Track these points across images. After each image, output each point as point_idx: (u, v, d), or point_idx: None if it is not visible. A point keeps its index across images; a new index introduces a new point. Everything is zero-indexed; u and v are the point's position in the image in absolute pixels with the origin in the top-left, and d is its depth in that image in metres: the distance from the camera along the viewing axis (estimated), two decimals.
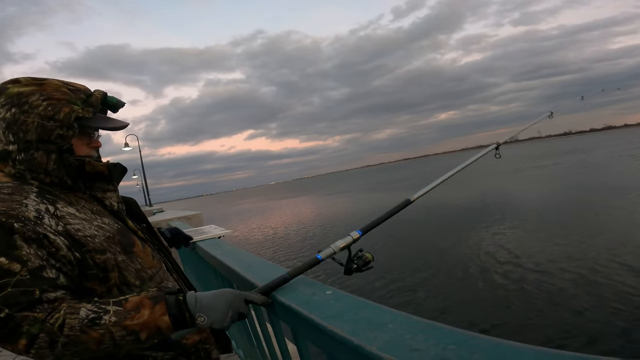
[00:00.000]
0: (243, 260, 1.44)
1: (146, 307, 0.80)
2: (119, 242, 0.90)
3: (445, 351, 0.51)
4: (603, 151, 38.30)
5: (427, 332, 0.58)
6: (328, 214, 22.53)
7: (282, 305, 0.92)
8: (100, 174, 0.95)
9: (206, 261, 1.97)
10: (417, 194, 1.16)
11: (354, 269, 1.04)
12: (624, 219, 9.70)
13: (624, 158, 27.23)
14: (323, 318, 0.73)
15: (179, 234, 1.60)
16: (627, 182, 15.17)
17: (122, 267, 0.88)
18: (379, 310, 0.71)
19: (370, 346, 0.57)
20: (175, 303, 0.83)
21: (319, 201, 35.65)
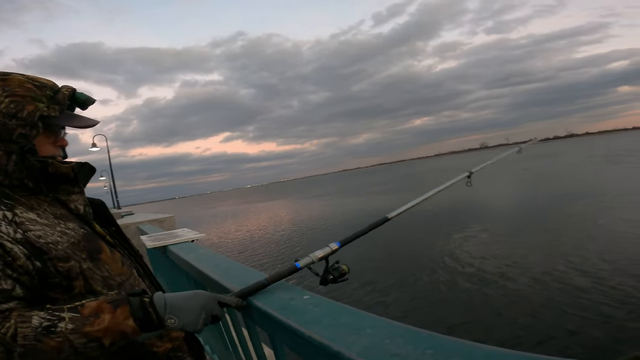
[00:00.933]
0: (218, 264, 1.41)
1: (106, 312, 0.76)
2: (84, 248, 0.85)
3: (423, 355, 0.51)
4: (566, 158, 40.25)
5: (406, 337, 0.58)
6: (305, 219, 22.49)
7: (258, 310, 0.91)
8: (65, 176, 0.90)
9: (178, 266, 1.91)
10: (394, 212, 1.22)
11: (330, 280, 1.05)
12: (582, 223, 10.18)
13: (585, 164, 28.71)
14: (301, 323, 0.72)
15: None
16: (586, 188, 16.02)
17: (88, 275, 0.83)
18: (357, 316, 0.71)
19: (350, 352, 0.56)
20: (140, 305, 0.79)
21: (296, 205, 35.53)
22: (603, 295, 5.57)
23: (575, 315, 5.05)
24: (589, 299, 5.50)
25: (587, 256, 7.40)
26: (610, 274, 6.35)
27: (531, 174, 27.38)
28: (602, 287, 5.83)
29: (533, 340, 4.65)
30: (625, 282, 5.92)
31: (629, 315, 4.87)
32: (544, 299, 5.78)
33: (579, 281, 6.23)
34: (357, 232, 1.14)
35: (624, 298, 5.37)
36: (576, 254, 7.60)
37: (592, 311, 5.12)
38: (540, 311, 5.40)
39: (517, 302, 5.90)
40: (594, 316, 4.97)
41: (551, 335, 4.70)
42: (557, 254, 7.85)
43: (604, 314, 4.98)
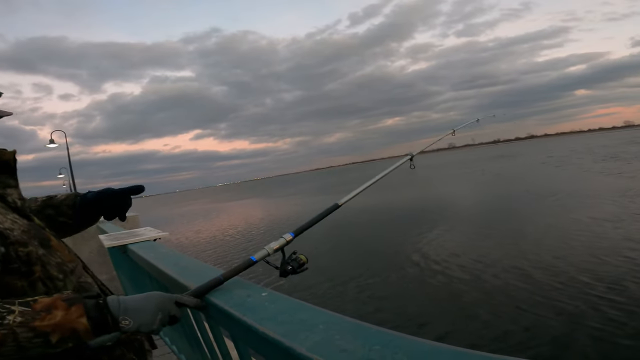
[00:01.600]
0: (178, 263, 1.38)
1: (59, 309, 0.74)
2: (35, 235, 0.85)
3: (370, 352, 0.52)
4: (526, 158, 42.32)
5: (356, 332, 0.59)
6: (272, 217, 22.41)
7: (216, 308, 0.89)
8: (6, 165, 0.90)
9: (139, 265, 1.85)
10: (344, 198, 1.23)
11: (289, 271, 1.04)
12: (541, 221, 10.74)
13: (544, 165, 30.33)
14: (257, 320, 0.72)
15: (111, 195, 1.14)
16: (544, 188, 16.94)
17: (45, 260, 0.84)
18: (313, 312, 0.72)
19: (300, 347, 0.57)
20: (95, 306, 0.77)
21: (265, 204, 35.26)
22: (559, 291, 5.87)
23: (531, 313, 5.25)
24: (545, 296, 5.78)
25: (539, 253, 7.79)
26: (561, 270, 6.72)
27: (489, 176, 28.63)
28: (556, 284, 6.15)
29: (489, 336, 4.80)
30: (575, 277, 6.29)
31: (584, 311, 5.16)
32: (500, 296, 6.02)
33: (533, 278, 6.53)
34: (310, 221, 1.13)
35: (576, 294, 5.70)
36: (530, 251, 7.98)
37: (548, 308, 5.36)
38: (496, 307, 5.60)
39: (474, 298, 6.13)
40: (549, 313, 5.20)
41: (503, 331, 4.86)
42: (512, 251, 8.23)
43: (561, 310, 5.23)
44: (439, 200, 17.94)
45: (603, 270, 6.43)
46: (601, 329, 4.58)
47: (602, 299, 5.36)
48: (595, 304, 5.24)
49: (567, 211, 11.61)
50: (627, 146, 37.14)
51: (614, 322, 4.71)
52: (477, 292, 6.28)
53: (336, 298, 6.81)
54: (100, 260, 4.55)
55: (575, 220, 10.34)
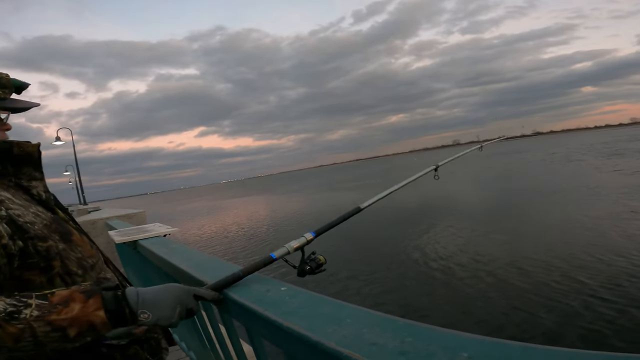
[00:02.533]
0: (191, 258, 1.38)
1: (77, 301, 0.72)
2: (56, 230, 0.85)
3: (403, 344, 0.51)
4: (530, 155, 42.11)
5: (384, 325, 0.58)
6: (281, 213, 22.40)
7: (234, 303, 0.89)
8: (30, 157, 0.90)
9: (150, 261, 1.85)
10: (366, 202, 1.25)
11: (307, 271, 1.04)
12: (548, 217, 10.69)
13: (545, 162, 30.17)
14: (279, 315, 0.71)
15: None
16: (542, 186, 16.90)
17: (64, 255, 0.83)
18: (335, 306, 0.70)
19: (329, 341, 0.56)
20: (114, 298, 0.76)
21: (272, 201, 35.29)
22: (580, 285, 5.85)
23: (558, 305, 5.25)
24: (563, 290, 5.76)
25: (547, 249, 7.77)
26: (567, 265, 6.69)
27: (496, 172, 28.54)
28: (569, 279, 6.13)
29: (511, 328, 4.81)
30: (575, 272, 6.28)
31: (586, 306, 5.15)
32: (518, 289, 6.02)
33: (556, 272, 6.50)
34: (331, 222, 1.15)
35: (580, 288, 5.69)
36: (541, 247, 7.95)
37: (569, 300, 5.36)
38: (516, 300, 5.61)
39: (489, 290, 6.13)
40: (568, 306, 5.20)
41: (531, 323, 4.90)
42: (522, 246, 8.20)
43: (576, 305, 5.22)
44: (450, 197, 17.88)
45: (597, 266, 6.46)
46: (593, 324, 4.59)
47: (597, 295, 5.35)
48: (591, 299, 5.24)
49: (565, 207, 11.63)
50: (629, 144, 36.92)
51: (607, 317, 4.71)
52: (490, 285, 6.27)
53: (355, 294, 6.83)
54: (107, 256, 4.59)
55: (570, 216, 10.40)
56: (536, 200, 13.83)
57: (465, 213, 13.50)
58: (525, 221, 10.75)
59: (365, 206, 1.24)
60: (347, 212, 1.20)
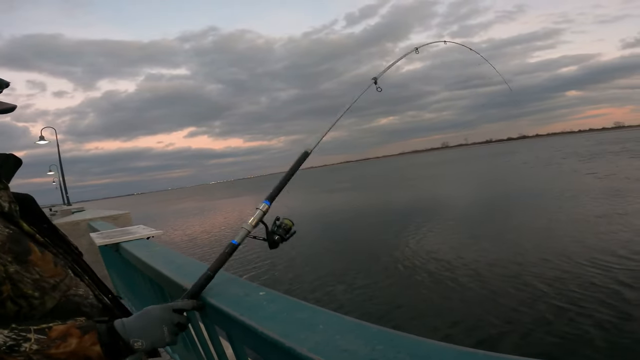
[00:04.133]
0: (173, 261, 1.36)
1: (74, 336, 0.74)
2: (9, 250, 0.79)
3: (373, 351, 0.52)
4: (515, 157, 42.96)
5: (357, 332, 0.58)
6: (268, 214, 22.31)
7: (213, 307, 0.88)
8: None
9: (132, 264, 1.82)
10: (312, 143, 1.15)
11: (278, 240, 1.00)
12: (534, 219, 10.89)
13: (527, 166, 30.86)
14: (255, 320, 0.71)
15: None
16: (522, 189, 17.32)
17: (16, 278, 0.78)
18: (312, 311, 0.71)
19: (302, 347, 0.56)
20: (107, 331, 0.77)
21: (259, 201, 35.04)
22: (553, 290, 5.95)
23: (528, 314, 5.30)
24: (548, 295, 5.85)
25: (530, 251, 7.91)
26: (548, 268, 6.82)
27: (478, 176, 29.09)
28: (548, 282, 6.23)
29: (507, 340, 4.78)
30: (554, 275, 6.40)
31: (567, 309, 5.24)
32: (496, 295, 6.06)
33: (531, 276, 6.60)
34: (281, 181, 1.06)
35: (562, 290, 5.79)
36: (522, 250, 8.08)
37: (544, 307, 5.43)
38: (493, 307, 5.64)
39: (464, 296, 6.18)
40: (544, 313, 5.26)
41: (501, 330, 4.91)
42: (502, 249, 8.34)
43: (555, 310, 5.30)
44: (432, 200, 18.09)
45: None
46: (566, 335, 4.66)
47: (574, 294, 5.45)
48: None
49: (543, 209, 12.02)
50: (612, 146, 38.07)
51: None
52: (466, 290, 6.34)
53: (333, 298, 6.82)
54: (90, 259, 4.48)
55: (532, 219, 10.79)
56: (504, 203, 14.41)
57: (444, 214, 13.74)
58: (493, 223, 11.12)
59: (312, 148, 1.14)
60: (295, 161, 1.10)
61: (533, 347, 4.39)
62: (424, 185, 25.13)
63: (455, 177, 28.09)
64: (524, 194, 16.02)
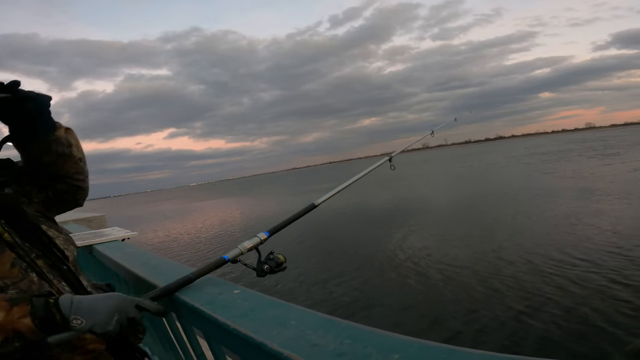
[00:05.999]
0: (147, 262, 1.34)
1: (1, 309, 0.72)
2: None
3: (342, 345, 0.53)
4: (494, 157, 44.26)
5: (327, 327, 0.59)
6: (245, 215, 22.21)
7: (186, 307, 0.88)
8: None
9: (106, 266, 1.78)
10: (321, 199, 1.21)
11: (267, 270, 1.02)
12: (512, 217, 11.22)
13: (511, 165, 31.88)
14: (228, 317, 0.71)
15: None
16: (512, 185, 17.84)
17: None
18: (285, 308, 0.72)
19: (272, 343, 0.57)
20: (44, 306, 0.75)
21: (239, 203, 34.79)
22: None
23: (502, 308, 5.44)
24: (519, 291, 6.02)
25: (507, 248, 8.16)
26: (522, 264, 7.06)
27: (452, 173, 29.94)
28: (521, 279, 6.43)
29: (473, 335, 4.88)
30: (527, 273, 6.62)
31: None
32: (474, 291, 6.21)
33: (505, 274, 6.79)
34: (285, 220, 1.11)
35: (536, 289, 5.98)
36: (498, 247, 8.32)
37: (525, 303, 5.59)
38: (483, 305, 5.75)
39: (441, 293, 6.31)
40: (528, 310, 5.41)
41: (475, 327, 5.03)
42: (478, 245, 8.58)
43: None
44: (412, 199, 18.38)
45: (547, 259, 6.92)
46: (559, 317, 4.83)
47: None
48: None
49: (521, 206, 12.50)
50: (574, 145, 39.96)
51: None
52: (450, 287, 6.47)
53: (310, 295, 6.83)
54: None
55: (519, 212, 11.30)
56: (474, 202, 15.00)
57: (423, 213, 14.06)
58: (480, 219, 11.43)
59: (320, 202, 1.19)
60: (301, 210, 1.16)
61: (495, 342, 4.54)
62: (402, 186, 25.56)
63: (431, 177, 28.80)
64: (491, 192, 16.69)
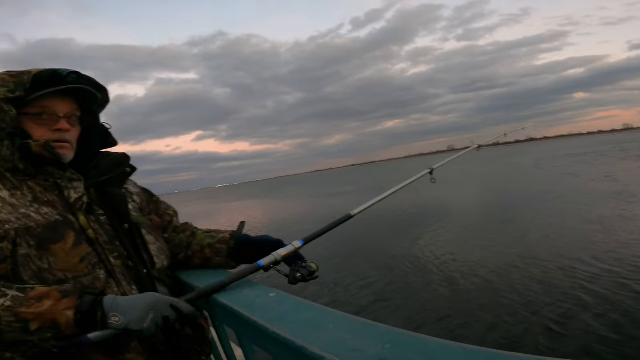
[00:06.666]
0: None
1: (51, 299, 0.75)
2: (38, 235, 0.82)
3: (383, 350, 0.53)
4: (524, 158, 42.81)
5: (366, 331, 0.60)
6: (272, 218, 22.36)
7: (224, 308, 0.90)
8: (42, 156, 0.89)
9: None
10: (357, 209, 1.23)
11: (299, 278, 1.05)
12: (543, 220, 10.80)
13: (542, 168, 30.68)
14: (266, 320, 0.73)
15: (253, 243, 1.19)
16: (546, 189, 17.15)
17: (21, 262, 0.80)
18: (321, 312, 0.73)
19: (312, 346, 0.58)
20: (90, 302, 0.78)
21: (265, 206, 35.18)
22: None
23: (541, 313, 5.27)
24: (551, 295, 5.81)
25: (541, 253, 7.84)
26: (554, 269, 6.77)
27: (484, 177, 29.13)
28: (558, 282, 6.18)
29: (510, 339, 4.75)
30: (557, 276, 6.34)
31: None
32: (510, 298, 6.02)
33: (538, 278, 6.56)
34: (320, 230, 1.13)
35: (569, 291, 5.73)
36: (541, 251, 8.02)
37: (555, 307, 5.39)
38: (502, 309, 5.61)
39: (480, 298, 6.15)
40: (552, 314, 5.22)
41: (513, 332, 4.90)
42: (515, 251, 8.27)
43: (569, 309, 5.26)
44: (446, 202, 18.03)
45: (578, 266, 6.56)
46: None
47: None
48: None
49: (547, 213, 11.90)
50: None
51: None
52: (481, 292, 6.30)
53: (344, 299, 6.84)
54: None
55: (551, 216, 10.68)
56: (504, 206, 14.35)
57: (449, 216, 13.78)
58: (512, 224, 10.97)
59: (356, 213, 1.22)
60: (337, 220, 1.18)
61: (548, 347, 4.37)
62: (430, 188, 25.13)
63: (458, 179, 28.12)
64: (522, 195, 16.13)
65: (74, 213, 0.91)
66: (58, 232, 0.85)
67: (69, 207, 0.91)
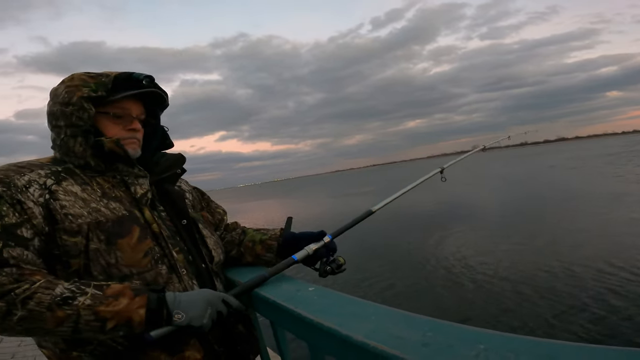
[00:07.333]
0: None
1: (126, 297, 0.77)
2: (107, 229, 0.85)
3: (424, 337, 0.57)
4: (552, 158, 41.25)
5: (407, 321, 0.64)
6: (298, 216, 22.49)
7: (267, 302, 0.94)
8: (115, 153, 0.94)
9: None
10: (377, 205, 1.30)
11: (328, 271, 1.10)
12: (570, 223, 10.43)
13: (575, 169, 29.45)
14: (310, 312, 0.77)
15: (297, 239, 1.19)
16: (574, 190, 16.53)
17: (92, 257, 0.82)
18: (361, 305, 0.76)
19: (357, 335, 0.62)
20: (157, 299, 0.81)
21: (288, 204, 35.47)
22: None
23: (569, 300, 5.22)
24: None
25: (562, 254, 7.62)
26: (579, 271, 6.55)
27: (506, 179, 28.28)
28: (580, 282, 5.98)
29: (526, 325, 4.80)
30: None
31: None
32: (534, 288, 5.97)
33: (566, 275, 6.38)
34: (345, 225, 1.21)
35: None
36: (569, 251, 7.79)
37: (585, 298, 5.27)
38: (533, 298, 5.57)
39: (504, 288, 6.10)
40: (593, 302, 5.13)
41: (547, 322, 4.86)
42: (553, 252, 8.07)
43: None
44: (463, 202, 17.69)
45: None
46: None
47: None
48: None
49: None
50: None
51: None
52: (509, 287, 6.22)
53: (375, 294, 6.89)
54: None
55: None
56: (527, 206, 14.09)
57: (475, 216, 13.56)
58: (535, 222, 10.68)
59: (376, 209, 1.28)
60: (359, 215, 1.25)
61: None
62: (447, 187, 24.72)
63: (478, 179, 27.43)
64: (547, 197, 15.73)
65: (140, 208, 0.94)
66: (125, 227, 0.88)
67: (135, 202, 0.94)
